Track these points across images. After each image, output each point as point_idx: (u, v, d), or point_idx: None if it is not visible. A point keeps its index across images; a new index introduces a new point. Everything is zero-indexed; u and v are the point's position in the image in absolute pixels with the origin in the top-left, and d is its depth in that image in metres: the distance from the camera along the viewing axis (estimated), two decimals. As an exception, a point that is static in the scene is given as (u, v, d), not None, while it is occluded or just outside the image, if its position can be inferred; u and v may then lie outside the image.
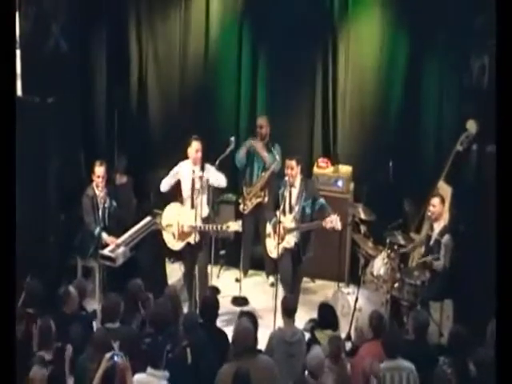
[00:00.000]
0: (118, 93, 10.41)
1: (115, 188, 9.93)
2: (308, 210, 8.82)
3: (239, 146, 9.87)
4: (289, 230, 8.80)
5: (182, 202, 9.14)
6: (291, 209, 8.85)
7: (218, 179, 9.04)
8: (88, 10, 10.22)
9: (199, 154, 8.98)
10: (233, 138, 9.52)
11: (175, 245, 9.20)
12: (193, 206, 9.02)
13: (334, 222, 8.58)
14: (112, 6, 10.45)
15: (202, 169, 8.97)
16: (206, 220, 9.06)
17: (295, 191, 8.86)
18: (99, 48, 10.45)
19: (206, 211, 9.09)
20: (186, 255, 9.29)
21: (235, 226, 8.93)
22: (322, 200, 8.85)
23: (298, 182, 8.88)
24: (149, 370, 6.47)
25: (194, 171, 9.01)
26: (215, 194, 9.40)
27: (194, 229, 8.92)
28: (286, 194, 8.82)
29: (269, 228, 9.07)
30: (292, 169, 8.78)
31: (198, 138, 9.00)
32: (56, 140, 9.11)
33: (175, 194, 9.65)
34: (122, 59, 10.66)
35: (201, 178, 8.93)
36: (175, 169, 9.16)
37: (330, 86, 10.11)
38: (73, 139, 10.12)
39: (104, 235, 9.35)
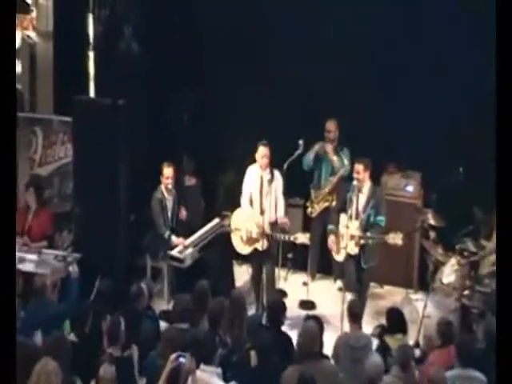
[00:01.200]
0: (187, 95, 10.47)
1: (184, 190, 10.01)
2: (371, 219, 8.75)
3: (307, 149, 9.83)
4: (352, 237, 8.72)
5: (251, 205, 9.18)
6: (358, 215, 8.77)
7: (279, 198, 9.11)
8: (160, 13, 10.30)
9: (265, 160, 9.03)
10: (301, 141, 9.51)
11: (243, 249, 9.24)
12: (262, 212, 9.04)
13: (396, 238, 8.50)
14: (184, 10, 10.51)
15: (272, 173, 8.98)
16: (273, 225, 9.05)
17: (363, 197, 8.80)
18: (170, 51, 10.52)
19: (273, 216, 9.09)
20: (254, 259, 9.31)
21: (303, 238, 8.95)
22: (382, 218, 8.73)
23: (366, 188, 8.82)
24: (202, 366, 6.48)
25: (262, 176, 9.02)
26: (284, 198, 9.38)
27: (262, 235, 8.96)
28: (354, 198, 8.76)
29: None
30: (359, 173, 8.72)
31: (265, 144, 9.02)
32: (126, 141, 9.21)
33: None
34: (192, 63, 10.71)
35: (269, 182, 8.94)
36: (245, 179, 9.21)
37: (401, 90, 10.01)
38: (142, 140, 10.23)
39: (173, 237, 9.43)
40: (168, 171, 9.44)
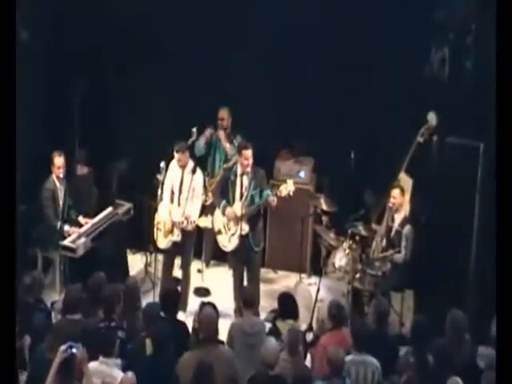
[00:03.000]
0: (78, 82, 10.30)
1: (76, 179, 9.86)
2: (257, 199, 8.81)
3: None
4: (240, 217, 8.77)
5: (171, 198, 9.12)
6: (241, 197, 8.83)
7: (195, 195, 9.03)
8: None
9: (181, 163, 8.96)
10: (194, 129, 9.51)
11: (162, 242, 9.16)
12: (179, 204, 9.04)
13: (288, 186, 8.57)
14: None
15: (194, 171, 8.97)
16: (187, 219, 9.01)
17: (246, 180, 8.85)
18: (60, 37, 10.32)
19: (188, 210, 9.02)
20: (169, 250, 9.25)
21: (205, 221, 9.04)
22: (268, 191, 8.79)
23: (248, 170, 8.86)
24: (101, 358, 6.46)
25: (182, 172, 9.01)
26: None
27: (175, 225, 8.95)
28: (238, 182, 8.82)
29: (218, 224, 9.07)
30: (248, 158, 8.76)
31: (179, 149, 8.92)
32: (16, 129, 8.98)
33: (138, 185, 9.67)
34: (83, 48, 10.54)
35: (190, 179, 8.95)
36: (168, 171, 9.10)
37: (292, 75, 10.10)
38: (32, 129, 9.99)
39: (66, 227, 9.29)
40: (59, 160, 9.27)
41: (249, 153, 8.77)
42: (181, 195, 9.04)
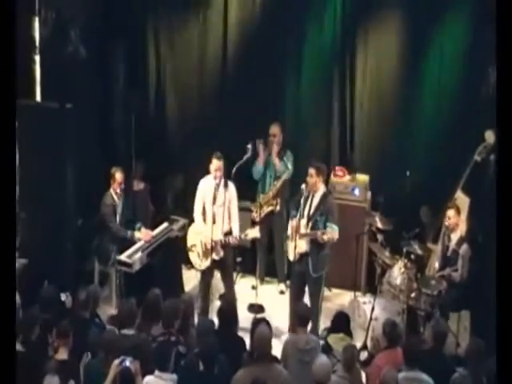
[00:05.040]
0: (135, 99, 10.44)
1: (132, 194, 9.95)
2: (320, 225, 8.65)
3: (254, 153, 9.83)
4: (301, 236, 8.72)
5: (204, 217, 9.10)
6: (308, 219, 8.76)
7: (232, 209, 9.02)
8: (107, 17, 10.25)
9: (219, 173, 8.89)
10: (249, 145, 9.53)
11: (202, 264, 9.12)
12: (214, 221, 8.97)
13: (333, 233, 8.47)
14: (131, 12, 10.49)
15: (226, 185, 8.93)
16: (227, 234, 9.00)
17: (315, 202, 8.75)
18: (118, 54, 10.48)
19: (226, 226, 9.04)
20: (209, 268, 9.18)
21: (253, 233, 8.93)
22: (332, 225, 8.55)
23: (319, 193, 8.74)
24: (156, 372, 6.49)
25: (215, 187, 8.97)
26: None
27: (216, 243, 8.91)
28: (302, 201, 8.74)
29: (289, 232, 8.97)
30: (311, 176, 8.71)
31: (219, 157, 8.88)
32: (74, 145, 9.14)
33: (192, 200, 9.70)
34: (140, 65, 10.69)
35: (223, 193, 8.92)
36: (198, 191, 9.08)
37: (348, 93, 10.10)
38: (91, 145, 10.15)
39: (137, 233, 9.40)
40: (120, 176, 9.38)
41: (312, 171, 8.65)
42: (215, 212, 8.95)
